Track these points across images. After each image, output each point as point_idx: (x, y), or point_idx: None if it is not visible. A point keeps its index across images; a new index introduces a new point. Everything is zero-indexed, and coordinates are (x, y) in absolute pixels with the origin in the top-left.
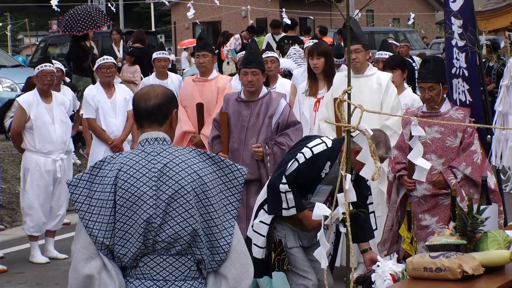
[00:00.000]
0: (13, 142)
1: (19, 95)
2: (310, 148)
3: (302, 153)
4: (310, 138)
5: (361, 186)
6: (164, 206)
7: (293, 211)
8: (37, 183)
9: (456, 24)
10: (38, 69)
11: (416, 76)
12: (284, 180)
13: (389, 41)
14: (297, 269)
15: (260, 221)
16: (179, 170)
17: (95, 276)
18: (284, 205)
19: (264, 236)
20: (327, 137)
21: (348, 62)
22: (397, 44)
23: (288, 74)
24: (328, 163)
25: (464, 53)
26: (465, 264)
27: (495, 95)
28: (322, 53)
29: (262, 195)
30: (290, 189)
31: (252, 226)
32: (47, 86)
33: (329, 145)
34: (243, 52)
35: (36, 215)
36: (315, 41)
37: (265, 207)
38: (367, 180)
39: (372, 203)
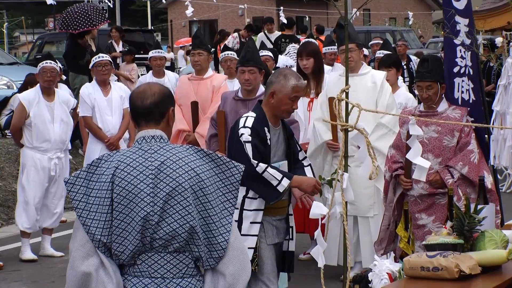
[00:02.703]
0: (13, 138)
1: (15, 93)
2: (244, 126)
3: (243, 133)
4: (235, 123)
5: (292, 140)
6: (161, 204)
7: (286, 182)
8: (33, 179)
9: (463, 23)
10: (40, 66)
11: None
12: (254, 162)
13: (377, 41)
14: (263, 276)
15: (251, 222)
16: (177, 168)
17: (93, 273)
18: (274, 182)
19: (256, 235)
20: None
21: (346, 61)
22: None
23: None
24: (266, 128)
25: (470, 52)
26: (462, 263)
27: (494, 96)
28: (311, 54)
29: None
30: (267, 165)
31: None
32: (47, 82)
33: (253, 114)
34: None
35: (30, 211)
36: (311, 40)
37: (246, 206)
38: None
39: (306, 157)
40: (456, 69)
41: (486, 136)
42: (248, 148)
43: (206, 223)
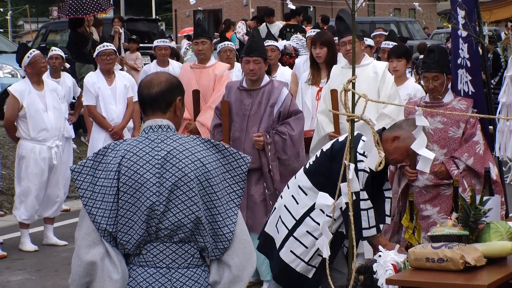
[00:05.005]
0: (7, 132)
1: None
2: (363, 154)
3: (362, 161)
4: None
5: (383, 174)
6: (167, 194)
7: (373, 231)
8: (32, 171)
9: (460, 15)
10: (28, 57)
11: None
12: (364, 196)
13: (379, 32)
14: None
15: (307, 231)
16: (183, 158)
17: (98, 263)
18: (365, 224)
19: (307, 247)
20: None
21: (353, 52)
22: (386, 34)
23: (289, 54)
24: None
25: (467, 44)
26: (467, 255)
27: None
28: (325, 43)
29: (304, 199)
30: (372, 206)
31: (291, 231)
32: (45, 68)
33: None
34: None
35: (30, 203)
36: (317, 30)
37: (312, 214)
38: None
39: (389, 189)
40: (459, 61)
41: (491, 127)
42: (364, 178)
43: (211, 214)
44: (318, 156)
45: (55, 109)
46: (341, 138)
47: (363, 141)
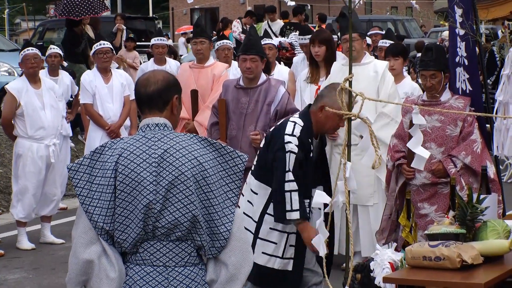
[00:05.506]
0: (5, 130)
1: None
2: (292, 134)
3: (290, 142)
4: (281, 126)
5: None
6: (164, 192)
7: (295, 216)
8: (29, 169)
9: (458, 13)
10: (21, 54)
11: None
12: (290, 177)
13: (376, 31)
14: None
15: (270, 228)
16: (180, 156)
17: (95, 261)
18: (288, 207)
19: (276, 243)
20: (291, 116)
21: (350, 50)
22: (382, 33)
23: (285, 48)
24: (310, 140)
25: (464, 42)
26: (464, 253)
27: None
28: (324, 41)
29: (257, 199)
30: (296, 189)
31: (256, 234)
32: (32, 69)
33: (301, 123)
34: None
35: (27, 201)
36: (308, 37)
37: (269, 211)
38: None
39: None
40: (457, 59)
41: (488, 125)
42: (291, 159)
43: (208, 213)
44: (258, 154)
45: (52, 107)
46: (272, 128)
47: (292, 122)
